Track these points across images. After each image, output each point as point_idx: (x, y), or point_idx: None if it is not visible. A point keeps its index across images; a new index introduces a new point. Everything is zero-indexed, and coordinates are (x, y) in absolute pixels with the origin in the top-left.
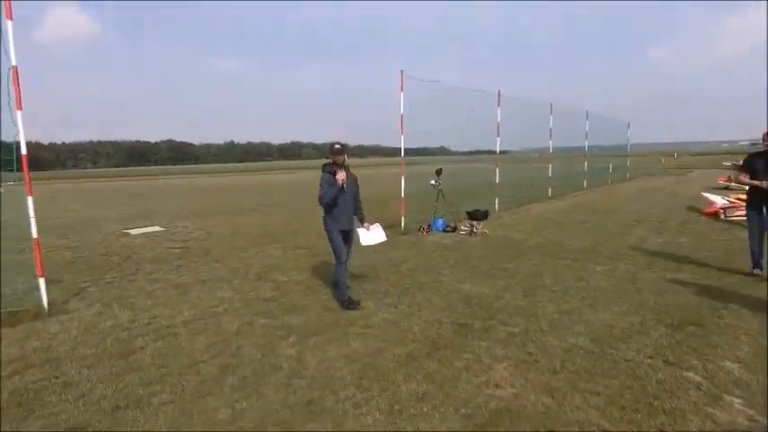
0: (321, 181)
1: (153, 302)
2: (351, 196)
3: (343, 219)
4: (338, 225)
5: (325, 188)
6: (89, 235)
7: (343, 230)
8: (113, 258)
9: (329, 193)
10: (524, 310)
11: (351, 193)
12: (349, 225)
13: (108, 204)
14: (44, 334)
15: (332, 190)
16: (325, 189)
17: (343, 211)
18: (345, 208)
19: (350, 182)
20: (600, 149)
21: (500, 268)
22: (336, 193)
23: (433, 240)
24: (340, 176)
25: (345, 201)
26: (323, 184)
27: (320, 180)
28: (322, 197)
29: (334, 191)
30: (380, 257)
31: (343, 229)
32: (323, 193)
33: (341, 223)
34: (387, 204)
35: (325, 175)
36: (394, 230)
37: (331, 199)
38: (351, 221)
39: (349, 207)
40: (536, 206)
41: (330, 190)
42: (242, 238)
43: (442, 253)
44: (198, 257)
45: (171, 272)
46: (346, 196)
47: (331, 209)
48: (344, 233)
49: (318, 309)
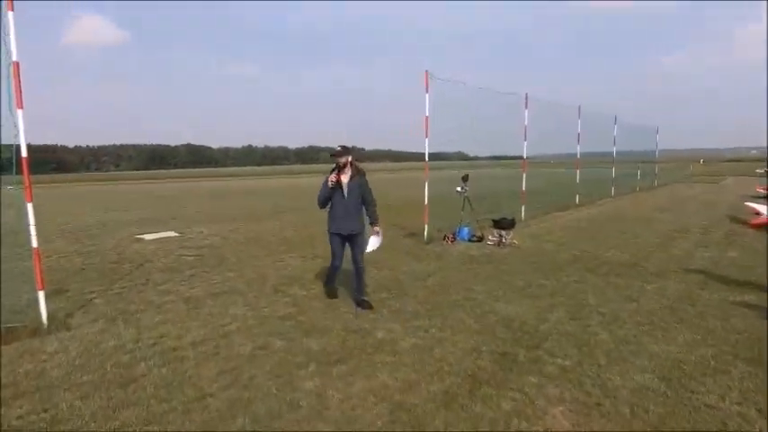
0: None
1: (161, 319)
2: (354, 199)
3: (342, 222)
4: (336, 227)
5: (320, 189)
6: (103, 239)
7: (341, 234)
8: (124, 266)
9: (320, 194)
10: (574, 337)
11: (353, 197)
12: (349, 229)
13: (125, 207)
14: (40, 354)
15: (323, 190)
16: (320, 190)
17: (342, 215)
18: (345, 211)
19: (353, 185)
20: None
21: (537, 285)
22: (329, 194)
23: (460, 251)
24: (332, 177)
25: (345, 204)
26: (321, 185)
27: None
28: (317, 198)
29: (325, 192)
30: (403, 269)
31: (342, 233)
32: (318, 194)
33: (339, 226)
34: (403, 210)
35: (326, 176)
36: (416, 239)
37: (323, 200)
38: (353, 225)
39: (351, 211)
40: (564, 214)
41: (321, 190)
42: (258, 246)
43: (470, 266)
44: (211, 267)
45: (182, 282)
46: (347, 200)
47: (330, 211)
48: (346, 237)
49: (340, 330)
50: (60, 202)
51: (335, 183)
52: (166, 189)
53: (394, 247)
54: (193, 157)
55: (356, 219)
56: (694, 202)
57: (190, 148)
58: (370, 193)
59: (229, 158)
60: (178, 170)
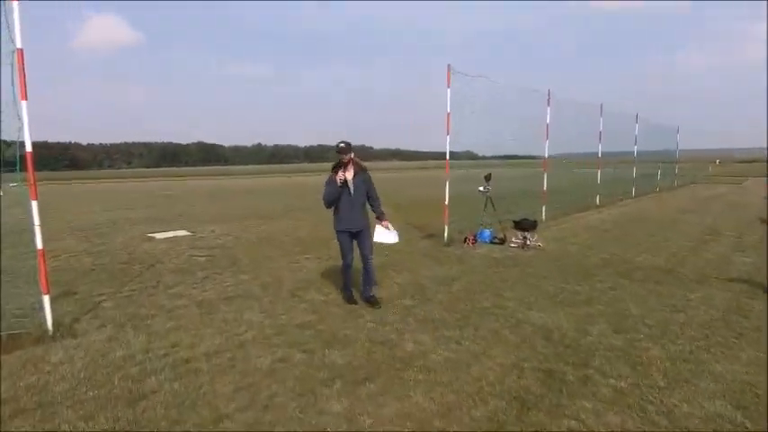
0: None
1: (173, 325)
2: (359, 196)
3: (349, 219)
4: (343, 225)
5: (325, 185)
6: (113, 238)
7: (350, 231)
8: (135, 267)
9: (326, 193)
10: (623, 353)
11: (359, 193)
12: (357, 226)
13: (136, 205)
14: (43, 365)
15: (330, 189)
16: (326, 189)
17: (348, 212)
18: (352, 208)
19: (358, 181)
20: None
21: (571, 291)
22: (337, 192)
23: (482, 254)
24: (339, 175)
25: (352, 201)
26: (325, 184)
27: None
28: (323, 198)
29: (332, 190)
30: (425, 273)
31: (350, 230)
32: (323, 192)
33: (346, 224)
34: (416, 210)
35: (329, 174)
36: (435, 241)
37: (331, 198)
38: (361, 222)
39: (356, 207)
40: (585, 215)
41: (329, 189)
42: (271, 246)
43: (496, 270)
44: (224, 268)
45: (194, 285)
46: (353, 197)
47: (336, 209)
48: (354, 234)
49: (365, 341)
50: (71, 199)
51: (344, 181)
52: (177, 187)
53: (412, 249)
54: (204, 155)
55: (362, 215)
56: (719, 204)
57: (201, 146)
58: (374, 189)
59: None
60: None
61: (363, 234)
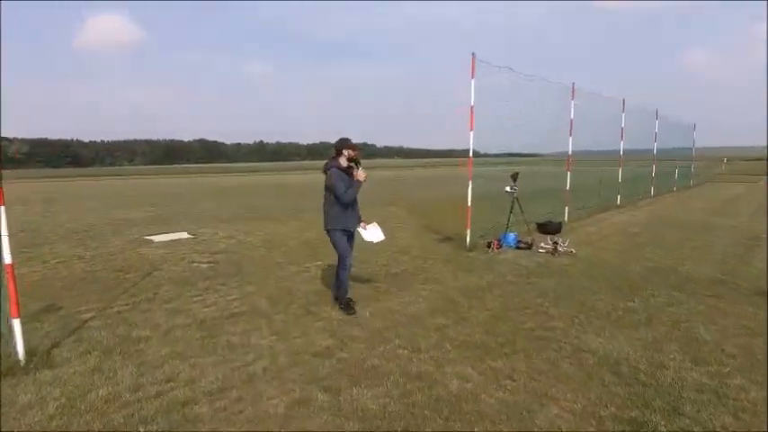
0: (332, 180)
1: (169, 352)
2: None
3: (350, 218)
4: (345, 224)
5: (339, 186)
6: (109, 242)
7: (347, 230)
8: (129, 275)
9: (352, 193)
10: (715, 394)
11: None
12: (354, 225)
13: (136, 204)
14: (8, 409)
15: (354, 188)
16: (342, 187)
17: (350, 210)
18: (353, 207)
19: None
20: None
21: (624, 309)
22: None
23: (509, 260)
24: (362, 173)
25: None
26: (337, 182)
27: (331, 179)
28: (344, 196)
29: (356, 189)
30: (452, 284)
31: (350, 229)
32: (342, 192)
33: (347, 223)
34: (429, 211)
35: (336, 172)
36: (457, 245)
37: (354, 198)
38: (354, 221)
39: (355, 206)
40: (607, 216)
41: (353, 189)
42: (278, 251)
43: (529, 280)
44: (228, 277)
45: (195, 298)
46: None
47: (335, 208)
48: (349, 233)
49: (398, 376)
50: (70, 197)
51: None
52: (179, 185)
53: (432, 255)
54: (206, 153)
55: (357, 214)
56: (744, 204)
57: (203, 144)
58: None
59: (241, 154)
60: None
61: (353, 234)
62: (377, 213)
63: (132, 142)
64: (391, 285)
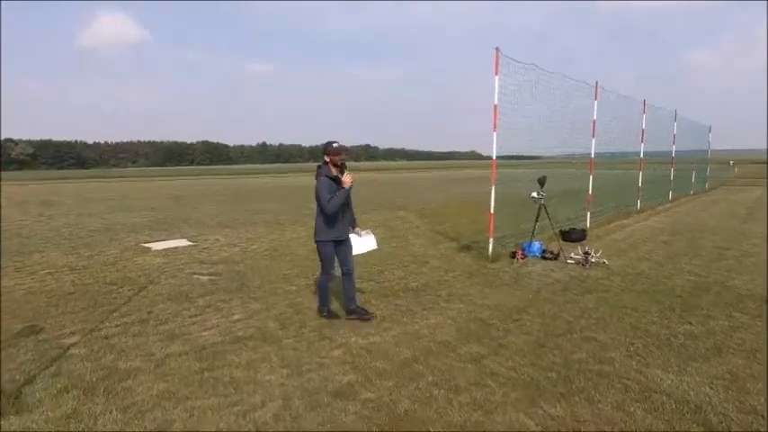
0: (318, 187)
1: (161, 390)
2: (348, 201)
3: (340, 227)
4: (332, 234)
5: (324, 194)
6: (104, 249)
7: (338, 240)
8: (123, 290)
9: (337, 201)
10: None
11: (348, 199)
12: (345, 233)
13: (136, 208)
14: None
15: (337, 197)
16: (327, 196)
17: (339, 219)
18: (342, 215)
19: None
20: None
21: (685, 334)
22: (344, 199)
23: (539, 273)
24: (348, 179)
25: (344, 208)
26: (322, 191)
27: (316, 186)
28: (328, 207)
29: (341, 197)
30: (481, 302)
31: (339, 238)
32: (327, 201)
33: (336, 232)
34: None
35: (322, 179)
36: (478, 255)
37: (339, 207)
38: (346, 229)
39: (345, 213)
40: (630, 222)
41: (336, 197)
42: (285, 261)
43: (566, 297)
44: (231, 292)
45: (194, 318)
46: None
47: (330, 217)
48: (339, 242)
49: (441, 428)
50: (68, 200)
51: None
52: (181, 187)
53: (453, 266)
54: (209, 155)
55: (347, 222)
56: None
57: (206, 146)
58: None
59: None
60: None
61: (347, 243)
62: (386, 218)
63: (135, 143)
64: (413, 303)
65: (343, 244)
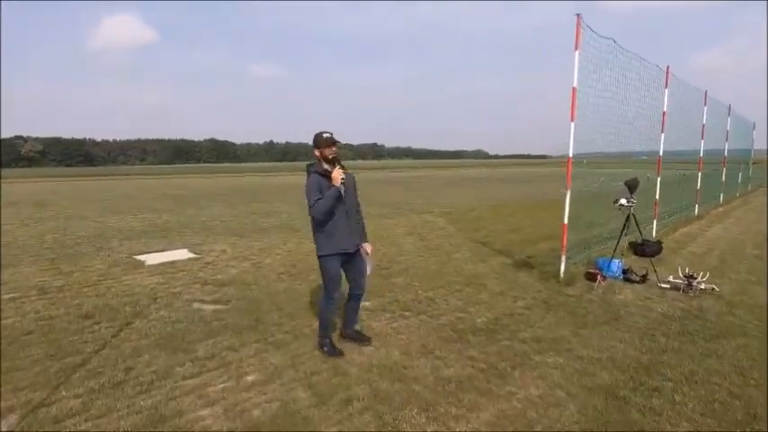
0: (307, 187)
1: None
2: (352, 202)
3: (345, 237)
4: (337, 246)
5: (314, 195)
6: (88, 264)
7: (344, 253)
8: (99, 327)
9: (324, 203)
10: None
11: (351, 199)
12: (354, 244)
13: (136, 209)
14: None
15: (326, 197)
16: (315, 196)
17: (343, 227)
18: (346, 221)
19: (349, 182)
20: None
21: None
22: (334, 201)
23: (634, 303)
24: (337, 174)
25: (346, 211)
26: (310, 192)
27: (306, 186)
28: (316, 211)
29: (330, 198)
30: (586, 353)
31: (345, 251)
32: (313, 203)
33: (341, 243)
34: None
35: (312, 177)
36: (544, 275)
37: (328, 211)
38: (355, 239)
39: (351, 220)
40: (694, 230)
41: (326, 198)
42: (307, 282)
43: (695, 344)
44: (241, 332)
45: (189, 382)
46: (348, 205)
47: (325, 224)
48: (346, 256)
49: None
50: (65, 200)
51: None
52: (187, 186)
53: (519, 291)
54: (216, 153)
55: (356, 231)
56: None
57: (213, 144)
58: (357, 195)
59: (250, 154)
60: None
61: (357, 258)
62: (414, 223)
63: (143, 141)
64: (493, 355)
65: (354, 259)
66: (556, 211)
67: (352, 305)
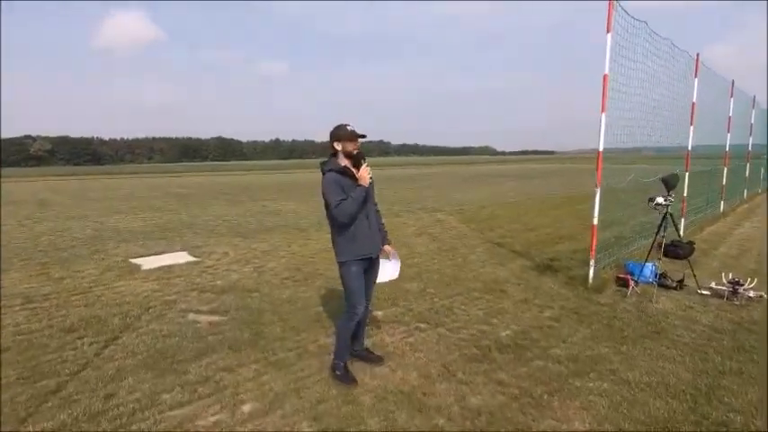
0: (325, 187)
1: None
2: (372, 203)
3: (367, 240)
4: (363, 250)
5: (332, 197)
6: (81, 268)
7: (366, 258)
8: (83, 343)
9: (350, 205)
10: None
11: (371, 200)
12: (375, 248)
13: (137, 208)
14: None
15: (352, 199)
16: (336, 198)
17: (364, 229)
18: (367, 223)
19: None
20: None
21: None
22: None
23: (675, 314)
24: (365, 173)
25: (368, 213)
26: (331, 191)
27: (323, 185)
28: (341, 212)
29: (356, 199)
30: (631, 375)
31: (368, 255)
32: (338, 204)
33: (363, 248)
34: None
35: (329, 175)
36: (569, 280)
37: (354, 213)
38: (377, 242)
39: (373, 222)
40: (722, 228)
41: (353, 199)
42: (314, 289)
43: (755, 363)
44: (239, 349)
45: (177, 413)
46: (369, 206)
47: (348, 227)
48: (368, 262)
49: None
50: (67, 199)
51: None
52: (191, 184)
53: (544, 299)
54: (223, 151)
55: (378, 234)
56: None
57: (220, 142)
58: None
59: (257, 152)
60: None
61: (376, 265)
62: (425, 223)
63: (151, 140)
64: (524, 377)
65: (372, 268)
66: (570, 209)
67: (360, 319)
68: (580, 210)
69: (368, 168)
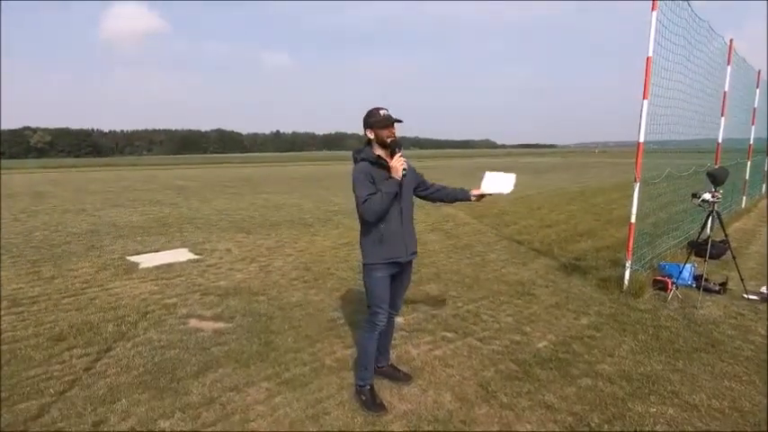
0: (355, 178)
1: None
2: (408, 198)
3: (397, 243)
4: (388, 254)
5: (365, 188)
6: (74, 267)
7: (400, 262)
8: (71, 355)
9: (379, 200)
10: None
11: (409, 194)
12: (411, 250)
13: (137, 202)
14: None
15: (387, 193)
16: (366, 190)
17: (396, 230)
18: (400, 224)
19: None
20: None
21: None
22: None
23: (725, 322)
24: (398, 164)
25: (401, 210)
26: (359, 183)
27: (353, 176)
28: (367, 209)
29: (390, 193)
30: (698, 399)
31: (398, 259)
32: (366, 199)
33: (393, 251)
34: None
35: (360, 166)
36: (602, 283)
37: (384, 209)
38: (410, 246)
39: (407, 220)
40: (750, 226)
41: (383, 194)
42: (325, 290)
43: None
44: (247, 363)
45: None
46: (404, 202)
47: (376, 225)
48: (397, 267)
49: None
50: (65, 191)
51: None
52: (193, 177)
53: (577, 304)
54: (223, 143)
55: (414, 235)
56: None
57: (220, 134)
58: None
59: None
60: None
61: (408, 271)
62: (436, 219)
63: (151, 132)
64: (574, 402)
65: (404, 272)
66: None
67: (385, 330)
68: (594, 204)
69: (403, 159)
